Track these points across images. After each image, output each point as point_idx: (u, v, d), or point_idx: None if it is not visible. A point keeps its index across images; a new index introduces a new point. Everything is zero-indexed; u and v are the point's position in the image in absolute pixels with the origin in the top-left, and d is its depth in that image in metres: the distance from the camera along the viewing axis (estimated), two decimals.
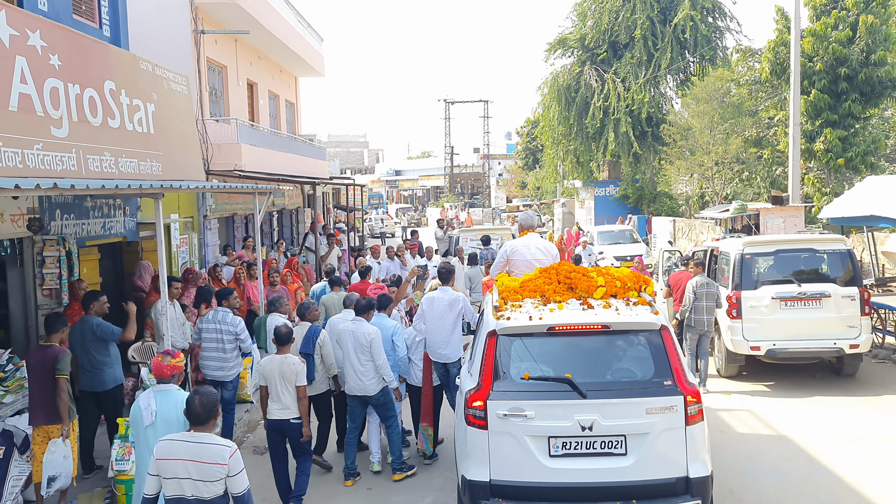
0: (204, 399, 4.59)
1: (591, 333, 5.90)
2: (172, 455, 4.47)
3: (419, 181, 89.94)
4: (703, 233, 25.19)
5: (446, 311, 8.25)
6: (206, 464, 4.41)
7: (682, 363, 5.86)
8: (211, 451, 4.45)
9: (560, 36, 34.99)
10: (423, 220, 59.25)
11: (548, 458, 5.57)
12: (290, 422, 6.90)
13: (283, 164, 18.41)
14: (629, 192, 33.89)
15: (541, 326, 5.88)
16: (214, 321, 8.60)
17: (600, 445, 5.56)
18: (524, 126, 61.14)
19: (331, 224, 30.03)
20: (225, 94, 17.03)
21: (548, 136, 36.10)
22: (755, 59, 26.60)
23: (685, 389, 5.62)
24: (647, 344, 5.85)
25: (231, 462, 4.44)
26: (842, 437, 8.72)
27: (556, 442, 5.57)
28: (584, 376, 5.68)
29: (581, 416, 5.51)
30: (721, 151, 24.83)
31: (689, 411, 5.58)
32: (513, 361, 5.86)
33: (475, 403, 5.72)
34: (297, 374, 6.86)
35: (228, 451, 4.46)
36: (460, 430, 6.17)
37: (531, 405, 5.59)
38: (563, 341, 5.92)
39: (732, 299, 10.83)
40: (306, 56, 22.15)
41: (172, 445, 4.51)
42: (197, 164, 11.76)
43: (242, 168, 14.85)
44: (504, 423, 5.61)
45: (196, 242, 14.57)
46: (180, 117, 11.23)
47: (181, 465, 4.43)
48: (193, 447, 4.47)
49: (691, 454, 5.57)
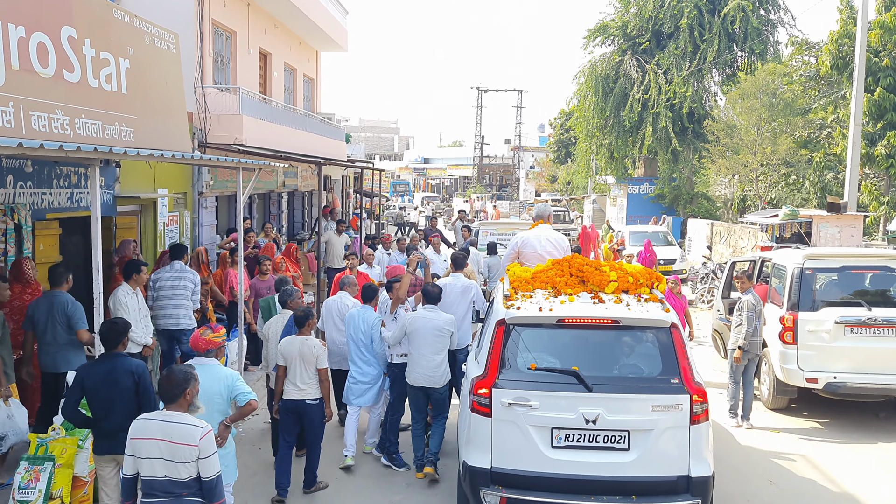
0: (171, 376, 4.45)
1: (600, 327, 5.92)
2: (145, 434, 4.34)
3: (447, 170, 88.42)
4: (742, 238, 23.43)
5: (458, 299, 8.31)
6: (176, 444, 4.27)
7: (691, 361, 5.81)
8: (182, 431, 4.29)
9: (601, 23, 33.22)
10: (451, 209, 57.79)
11: (550, 448, 5.61)
12: (307, 402, 6.82)
13: (293, 142, 17.06)
14: (665, 192, 32.09)
15: (550, 318, 5.91)
16: (172, 271, 8.94)
17: (603, 439, 5.58)
18: (558, 118, 59.29)
19: (350, 210, 28.75)
20: (233, 62, 15.71)
21: (582, 128, 34.40)
22: (811, 52, 24.67)
23: (692, 388, 5.62)
24: (656, 341, 5.83)
25: (202, 444, 4.28)
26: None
27: (559, 433, 5.60)
28: (590, 370, 5.70)
29: (586, 409, 5.55)
30: (769, 152, 23.02)
31: (695, 410, 5.57)
32: (520, 351, 5.88)
33: (480, 391, 5.76)
34: (318, 357, 6.81)
35: (200, 433, 4.29)
36: (464, 416, 6.18)
37: (536, 395, 5.63)
38: (571, 334, 5.96)
39: (787, 321, 9.26)
40: (328, 28, 20.76)
41: (146, 424, 4.38)
42: (182, 134, 10.46)
43: (243, 142, 13.52)
44: (508, 412, 5.65)
45: (189, 221, 13.31)
46: (164, 79, 9.92)
47: (154, 445, 4.30)
48: (165, 426, 4.33)
49: (694, 453, 5.56)
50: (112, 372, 5.36)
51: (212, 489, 4.31)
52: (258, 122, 14.52)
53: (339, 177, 27.36)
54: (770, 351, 9.69)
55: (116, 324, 5.59)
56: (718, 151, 25.77)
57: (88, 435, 5.90)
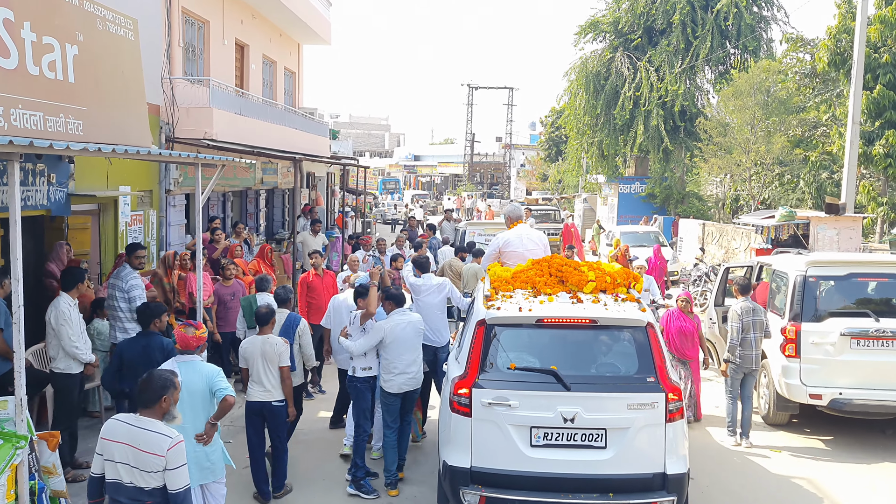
0: (151, 378, 4.35)
1: (578, 327, 6.01)
2: (114, 436, 4.24)
3: (438, 168, 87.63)
4: (735, 239, 22.86)
5: (434, 294, 8.43)
6: (143, 452, 4.14)
7: (667, 360, 5.90)
8: (150, 440, 4.15)
9: (592, 19, 32.61)
10: (440, 207, 57.09)
11: (529, 447, 5.68)
12: (272, 404, 6.73)
13: (271, 138, 16.31)
14: (656, 191, 31.50)
15: (530, 318, 5.99)
16: (115, 277, 8.35)
17: (581, 438, 5.66)
18: (548, 115, 58.65)
19: (335, 208, 27.97)
20: (206, 53, 14.95)
21: (572, 126, 33.78)
22: (807, 49, 24.10)
23: (667, 387, 5.71)
24: (633, 340, 5.93)
25: (169, 455, 4.12)
26: None
27: (538, 432, 5.68)
28: (569, 369, 5.79)
29: (564, 408, 5.63)
30: (762, 150, 22.44)
31: (670, 409, 5.66)
32: (500, 351, 5.96)
33: (460, 391, 5.82)
34: (280, 355, 6.72)
35: (168, 443, 4.13)
36: (444, 416, 6.22)
37: (516, 395, 5.71)
38: (550, 333, 6.06)
39: (789, 332, 8.62)
40: (310, 20, 20.01)
41: (116, 426, 4.28)
42: (142, 127, 9.71)
43: (213, 137, 12.78)
44: (488, 412, 5.72)
45: (155, 220, 12.56)
46: (120, 68, 9.15)
47: (120, 449, 4.19)
48: (134, 431, 4.20)
49: (669, 451, 5.66)
50: (146, 348, 6.42)
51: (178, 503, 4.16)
52: (231, 115, 13.79)
53: (323, 174, 26.58)
54: (770, 364, 9.06)
55: (149, 306, 6.80)
56: (711, 150, 25.19)
57: None
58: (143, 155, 7.26)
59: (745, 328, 8.46)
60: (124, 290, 8.10)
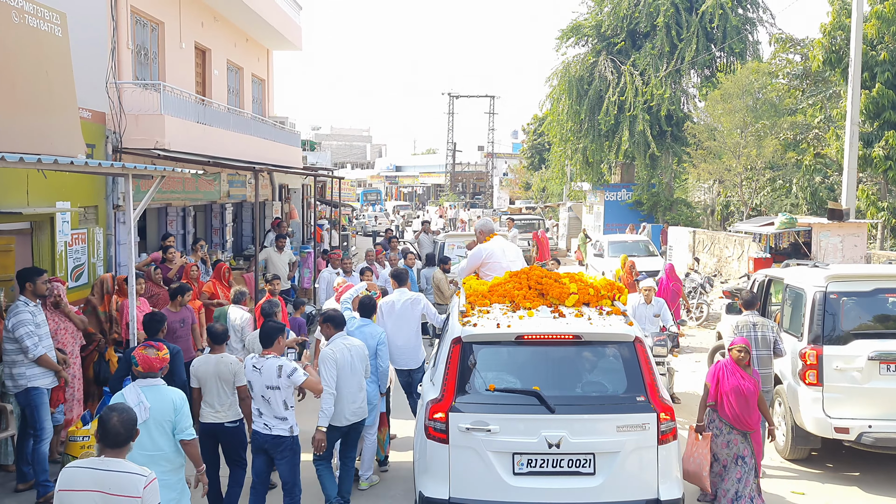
0: (123, 416, 3.96)
1: (561, 343, 5.63)
2: (76, 486, 3.84)
3: (420, 178, 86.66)
4: (727, 247, 21.97)
5: (408, 313, 7.99)
6: (115, 496, 3.80)
7: (656, 377, 5.53)
8: (122, 481, 3.82)
9: (574, 22, 31.78)
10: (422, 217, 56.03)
11: (511, 476, 5.33)
12: (225, 426, 6.35)
13: (236, 147, 15.22)
14: (643, 198, 30.58)
15: (509, 335, 5.62)
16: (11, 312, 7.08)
17: (568, 464, 5.32)
18: (531, 123, 57.81)
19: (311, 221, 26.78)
20: (160, 57, 13.81)
21: (556, 133, 32.86)
22: (797, 50, 23.31)
23: (658, 406, 5.37)
24: (620, 357, 5.60)
25: (146, 493, 3.84)
26: None
27: (520, 459, 5.34)
28: (552, 389, 5.44)
29: (548, 432, 5.29)
30: (754, 154, 21.59)
31: (662, 429, 5.33)
32: (478, 371, 5.61)
33: (436, 415, 5.46)
34: (236, 374, 6.34)
35: (143, 481, 3.86)
36: (419, 442, 5.83)
37: (496, 419, 5.36)
38: (531, 351, 5.69)
39: (809, 357, 7.60)
40: (277, 24, 18.92)
41: (76, 474, 3.88)
42: (72, 134, 8.57)
43: (165, 146, 11.65)
44: (466, 438, 5.37)
45: (101, 239, 11.38)
46: (42, 67, 8.02)
47: (86, 498, 3.81)
48: (101, 475, 3.84)
49: (663, 475, 5.34)
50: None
51: None
52: (187, 123, 12.66)
53: (298, 186, 25.40)
54: (786, 392, 8.04)
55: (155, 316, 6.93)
56: (700, 155, 24.32)
57: None
58: (49, 164, 6.14)
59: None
60: (7, 328, 6.96)
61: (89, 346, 8.63)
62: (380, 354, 7.21)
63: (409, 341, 7.96)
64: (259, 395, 5.99)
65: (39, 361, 6.98)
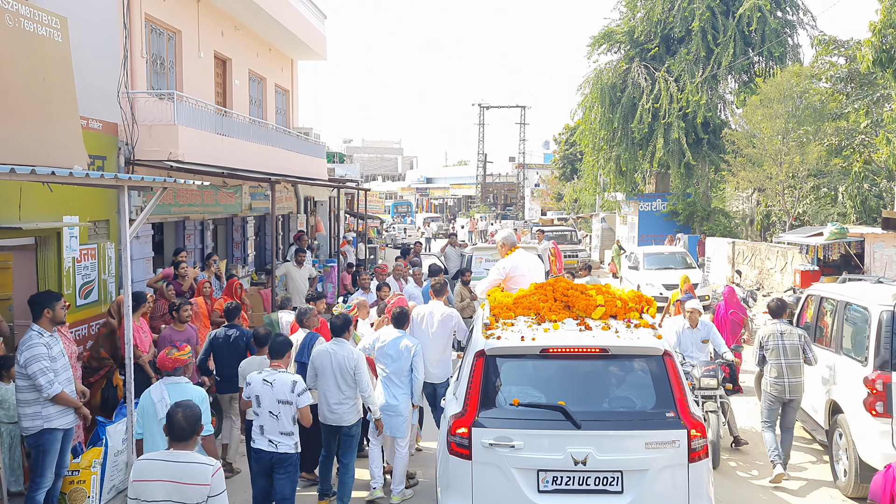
0: (188, 412, 4.28)
1: (587, 357, 5.47)
2: (149, 476, 4.18)
3: (450, 190, 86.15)
4: (769, 259, 20.97)
5: (439, 329, 7.90)
6: (187, 485, 4.12)
7: (687, 392, 5.34)
8: (192, 471, 4.16)
9: (606, 29, 30.92)
10: (452, 229, 55.46)
11: (536, 493, 5.17)
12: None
13: (255, 159, 14.80)
14: (679, 208, 29.57)
15: (533, 348, 5.48)
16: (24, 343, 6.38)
17: (594, 482, 5.14)
18: (562, 133, 56.93)
19: (340, 232, 26.32)
20: (177, 67, 13.44)
21: (588, 142, 31.99)
22: (840, 52, 22.26)
23: (689, 422, 5.18)
24: (649, 371, 5.40)
25: (213, 481, 4.16)
26: None
27: (545, 476, 5.18)
28: (578, 404, 5.27)
29: (574, 449, 5.12)
30: (797, 161, 20.59)
31: (693, 447, 5.13)
32: (502, 385, 5.49)
33: (459, 430, 5.32)
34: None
35: (211, 470, 4.18)
36: (442, 458, 5.71)
37: (520, 434, 5.20)
38: (557, 365, 5.55)
39: (877, 385, 6.79)
40: (301, 33, 18.55)
41: (149, 465, 4.24)
42: (73, 144, 8.13)
43: (180, 157, 11.22)
44: (490, 454, 5.22)
45: (113, 255, 10.95)
46: (40, 74, 7.59)
47: (159, 487, 4.14)
48: (173, 467, 4.16)
49: (693, 495, 5.14)
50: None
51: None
52: (203, 134, 12.24)
53: (325, 198, 24.99)
54: (849, 422, 7.22)
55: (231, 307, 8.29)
56: (739, 163, 23.35)
57: None
58: (37, 175, 5.63)
59: (771, 353, 7.85)
60: (20, 363, 6.25)
61: (100, 371, 8.16)
62: (415, 367, 7.25)
63: (437, 355, 7.92)
64: (267, 410, 5.93)
65: (56, 400, 6.27)
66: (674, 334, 8.98)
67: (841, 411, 7.47)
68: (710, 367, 8.50)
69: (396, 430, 7.26)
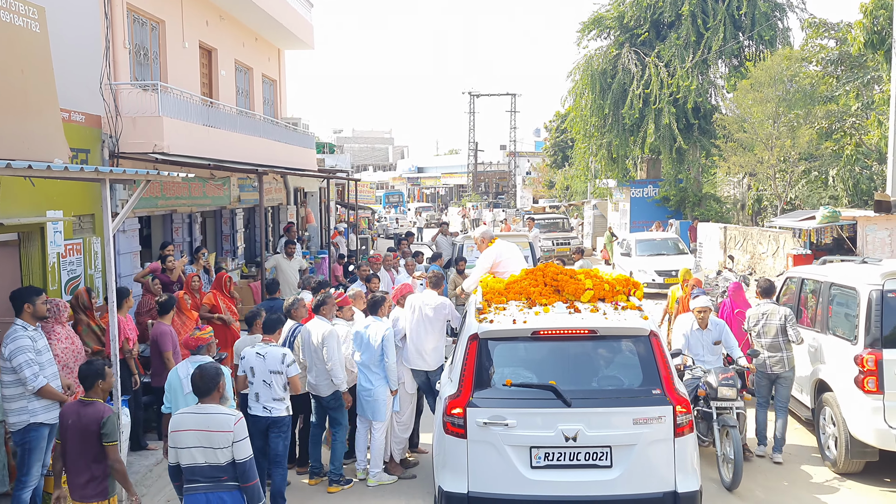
0: (203, 372, 4.90)
1: (577, 338, 5.69)
2: (183, 426, 4.78)
3: (442, 179, 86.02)
4: (761, 243, 20.96)
5: (433, 317, 7.91)
6: (213, 432, 4.69)
7: (672, 371, 5.56)
8: (217, 420, 4.73)
9: (595, 15, 30.80)
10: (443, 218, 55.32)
11: (529, 469, 5.37)
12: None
13: (242, 150, 14.67)
14: (670, 194, 29.58)
15: (525, 330, 5.70)
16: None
17: (584, 457, 5.34)
18: (553, 120, 56.80)
19: (331, 224, 26.21)
20: (161, 57, 13.29)
21: (579, 129, 31.92)
22: (831, 34, 22.21)
23: (674, 399, 5.39)
24: (636, 350, 5.63)
25: (236, 428, 4.71)
26: None
27: (538, 453, 5.37)
28: (569, 384, 5.47)
29: (565, 426, 5.32)
30: (789, 145, 20.56)
31: (678, 422, 5.34)
32: (495, 367, 5.69)
33: (454, 411, 5.54)
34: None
35: (233, 419, 4.74)
36: (438, 438, 5.94)
37: (513, 413, 5.42)
38: (548, 346, 5.75)
39: (867, 362, 6.78)
40: (287, 22, 18.38)
41: (182, 418, 4.85)
42: (53, 137, 8.01)
43: (165, 149, 11.10)
44: (484, 432, 5.43)
45: (99, 249, 10.84)
46: (17, 65, 7.47)
47: (192, 435, 4.72)
48: (201, 418, 4.76)
49: (679, 467, 5.33)
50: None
51: (245, 471, 4.71)
52: (189, 125, 12.11)
53: (315, 189, 24.87)
54: (839, 399, 7.22)
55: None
56: (730, 148, 23.32)
57: None
58: (13, 170, 5.53)
59: (756, 333, 7.98)
60: (4, 356, 6.20)
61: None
62: (386, 352, 7.37)
63: (437, 343, 7.97)
64: (261, 379, 6.56)
65: (41, 393, 6.21)
66: (681, 336, 8.14)
67: (829, 389, 7.46)
68: (727, 375, 7.45)
69: (373, 413, 7.46)
